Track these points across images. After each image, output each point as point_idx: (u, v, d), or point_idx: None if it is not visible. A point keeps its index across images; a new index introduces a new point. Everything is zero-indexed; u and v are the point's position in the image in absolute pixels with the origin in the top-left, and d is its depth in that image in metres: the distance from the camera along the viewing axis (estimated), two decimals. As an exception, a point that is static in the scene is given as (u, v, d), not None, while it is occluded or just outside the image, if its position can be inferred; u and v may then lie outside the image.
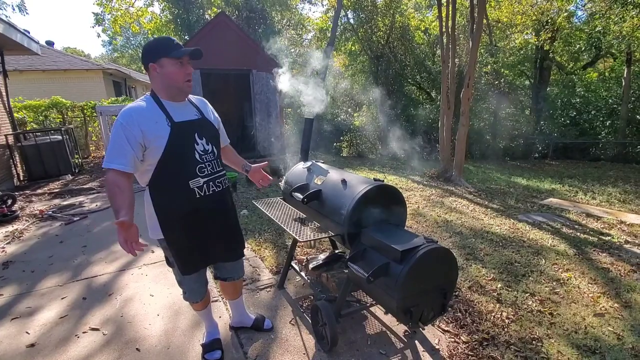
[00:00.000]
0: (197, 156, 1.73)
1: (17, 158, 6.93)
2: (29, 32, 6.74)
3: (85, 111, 10.07)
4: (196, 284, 1.98)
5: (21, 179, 7.00)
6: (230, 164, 2.22)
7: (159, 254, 3.62)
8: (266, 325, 2.40)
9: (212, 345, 2.13)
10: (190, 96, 1.86)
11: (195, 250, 1.83)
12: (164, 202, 1.73)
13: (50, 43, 16.59)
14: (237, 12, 14.71)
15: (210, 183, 1.79)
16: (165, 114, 1.66)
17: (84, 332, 2.40)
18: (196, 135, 1.74)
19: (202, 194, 1.76)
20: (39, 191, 6.24)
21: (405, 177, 7.98)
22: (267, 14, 15.16)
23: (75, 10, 72.43)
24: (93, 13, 15.74)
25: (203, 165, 1.76)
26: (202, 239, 1.83)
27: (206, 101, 1.97)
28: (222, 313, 2.59)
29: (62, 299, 2.82)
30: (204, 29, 8.66)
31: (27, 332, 2.40)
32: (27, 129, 8.25)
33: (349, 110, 15.66)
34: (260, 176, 2.23)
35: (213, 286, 2.90)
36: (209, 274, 2.42)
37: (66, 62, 14.03)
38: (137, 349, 2.23)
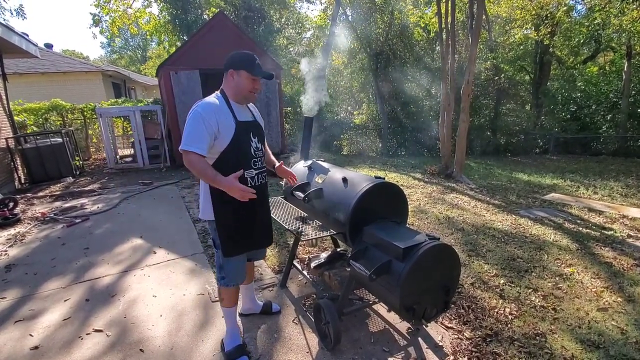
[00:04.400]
0: (252, 151, 2.00)
1: (18, 161, 6.94)
2: (27, 35, 6.73)
3: (85, 113, 10.08)
4: (239, 264, 2.11)
5: (22, 181, 7.00)
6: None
7: (161, 255, 3.63)
8: (274, 308, 2.55)
9: (240, 351, 2.12)
10: None
11: (243, 234, 2.04)
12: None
13: (49, 46, 16.61)
14: (235, 11, 14.67)
15: (259, 175, 2.06)
16: (232, 112, 1.92)
17: (87, 334, 2.40)
18: (251, 134, 2.01)
19: (253, 184, 2.01)
20: (40, 194, 6.24)
21: (406, 175, 7.97)
22: (266, 13, 15.12)
23: (74, 13, 72.46)
24: (91, 14, 15.69)
25: (256, 159, 2.03)
26: (249, 225, 2.06)
27: (256, 108, 2.20)
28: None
29: (65, 301, 2.82)
30: (202, 29, 8.64)
31: (30, 335, 2.41)
32: (28, 131, 8.25)
33: (349, 108, 15.64)
34: (288, 174, 2.41)
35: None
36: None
37: (65, 64, 14.03)
38: (140, 350, 2.24)
